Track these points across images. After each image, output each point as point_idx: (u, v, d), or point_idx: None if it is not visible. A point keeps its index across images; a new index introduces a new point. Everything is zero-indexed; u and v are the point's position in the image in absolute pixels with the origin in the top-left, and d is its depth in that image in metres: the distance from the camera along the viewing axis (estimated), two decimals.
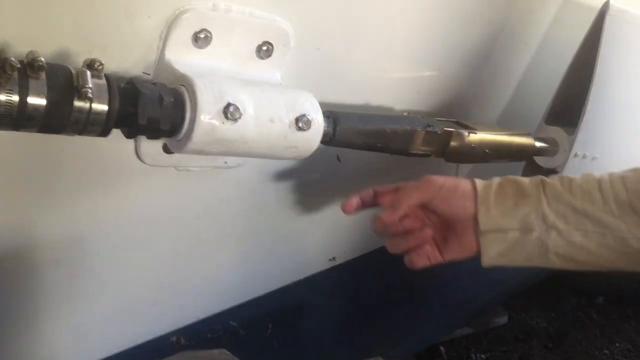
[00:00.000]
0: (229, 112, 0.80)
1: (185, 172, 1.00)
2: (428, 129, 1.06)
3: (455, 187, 0.93)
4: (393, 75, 1.19)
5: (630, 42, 1.28)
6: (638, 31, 1.28)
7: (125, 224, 1.01)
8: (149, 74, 0.87)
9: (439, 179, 0.95)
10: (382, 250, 1.47)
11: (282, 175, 1.15)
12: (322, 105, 0.96)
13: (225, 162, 1.03)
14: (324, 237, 1.34)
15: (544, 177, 0.91)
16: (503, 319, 3.32)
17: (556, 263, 0.86)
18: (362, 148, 1.01)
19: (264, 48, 0.95)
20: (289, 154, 0.90)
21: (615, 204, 0.84)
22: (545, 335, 3.27)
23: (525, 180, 0.91)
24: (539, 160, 1.37)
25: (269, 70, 0.97)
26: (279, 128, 0.86)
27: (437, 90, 1.28)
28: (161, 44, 0.84)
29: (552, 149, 1.32)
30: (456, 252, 0.94)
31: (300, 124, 0.87)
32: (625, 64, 1.29)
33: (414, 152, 1.07)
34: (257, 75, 0.95)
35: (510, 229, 0.85)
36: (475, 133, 1.12)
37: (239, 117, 0.81)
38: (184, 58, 0.86)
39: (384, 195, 1.00)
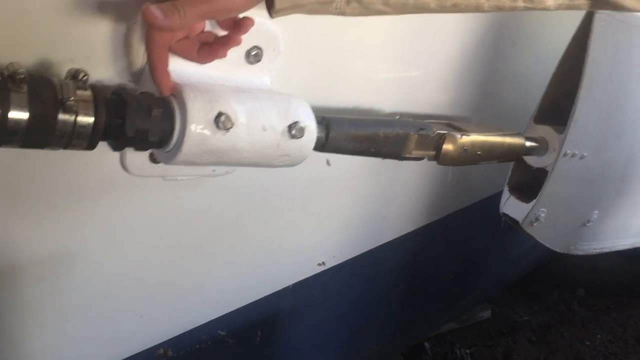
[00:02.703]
0: (220, 121, 0.77)
1: (173, 181, 0.97)
2: (421, 132, 1.04)
3: None
4: (383, 76, 1.17)
5: (619, 40, 1.27)
6: (627, 29, 1.28)
7: (111, 236, 0.97)
8: (136, 83, 0.83)
9: None
10: (370, 253, 1.47)
11: (270, 181, 1.13)
12: (314, 109, 0.94)
13: (214, 170, 1.00)
14: (312, 241, 1.32)
15: None
16: (487, 313, 3.34)
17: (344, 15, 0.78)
18: (354, 153, 0.99)
19: (254, 53, 0.92)
20: (281, 162, 0.88)
21: None
22: (529, 328, 3.30)
23: None
24: (529, 159, 1.36)
25: (259, 75, 0.94)
26: (272, 136, 0.83)
27: (427, 90, 1.26)
28: None
29: (541, 148, 1.32)
30: None
31: (293, 132, 0.85)
32: (614, 63, 1.29)
33: (406, 156, 1.05)
34: (247, 81, 0.93)
35: (309, 4, 0.75)
36: (468, 135, 1.10)
37: (231, 127, 0.78)
38: (171, 65, 0.82)
39: None
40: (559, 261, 3.07)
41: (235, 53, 0.90)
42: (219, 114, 0.77)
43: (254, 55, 0.92)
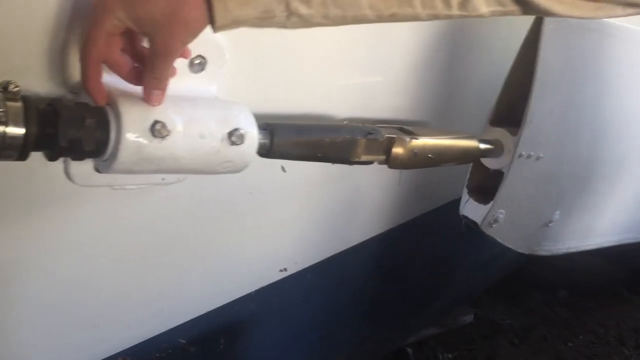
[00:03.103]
0: (156, 129, 0.78)
1: (122, 190, 0.98)
2: (369, 136, 1.06)
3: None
4: (337, 82, 1.19)
5: (570, 41, 1.30)
6: (576, 30, 1.30)
7: (62, 246, 0.98)
8: (76, 94, 0.84)
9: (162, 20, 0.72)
10: (335, 259, 1.47)
11: (224, 188, 1.13)
12: (264, 116, 0.96)
13: (163, 179, 1.01)
14: (272, 248, 1.32)
15: None
16: (469, 317, 3.35)
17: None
18: (301, 159, 1.00)
19: (197, 62, 0.93)
20: (224, 168, 0.89)
21: None
22: (511, 331, 3.31)
23: None
24: (486, 161, 1.38)
25: (204, 83, 0.96)
26: (211, 143, 0.84)
27: (382, 95, 1.28)
28: None
29: (497, 150, 1.33)
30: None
31: (233, 139, 0.86)
32: (565, 64, 1.31)
33: (355, 160, 1.06)
34: (191, 90, 0.94)
35: (249, 19, 0.75)
36: (417, 138, 1.12)
37: (167, 135, 0.79)
38: (112, 75, 0.84)
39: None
40: (539, 263, 3.09)
41: (178, 62, 0.91)
42: (155, 122, 0.78)
43: (197, 65, 0.93)
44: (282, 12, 0.75)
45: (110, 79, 0.82)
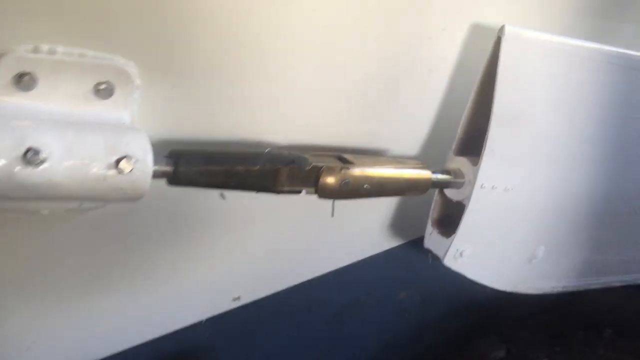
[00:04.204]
0: (29, 156, 0.78)
1: (36, 216, 0.98)
2: (292, 165, 1.02)
3: None
4: (276, 108, 1.15)
5: (528, 66, 1.21)
6: (535, 55, 1.22)
7: None
8: None
9: None
10: (300, 288, 1.43)
11: (158, 215, 1.12)
12: (187, 143, 0.96)
13: (81, 204, 1.01)
14: (221, 276, 1.30)
15: None
16: (501, 353, 3.17)
17: None
18: (214, 187, 0.98)
19: (102, 87, 0.93)
20: (117, 195, 0.88)
21: None
22: None
23: None
24: (448, 192, 1.31)
25: (113, 110, 0.95)
26: (96, 171, 0.84)
27: (331, 121, 1.23)
28: None
29: (457, 181, 1.26)
30: None
31: (121, 166, 0.85)
32: (524, 90, 1.22)
33: (280, 189, 1.03)
34: (99, 116, 0.94)
35: None
36: (349, 168, 1.07)
37: (43, 162, 0.79)
38: (5, 101, 0.85)
39: None
40: (583, 298, 2.90)
41: (81, 88, 0.91)
42: (29, 149, 0.78)
43: (103, 90, 0.93)
44: None
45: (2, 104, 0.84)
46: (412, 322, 1.84)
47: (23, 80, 0.86)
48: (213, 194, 1.16)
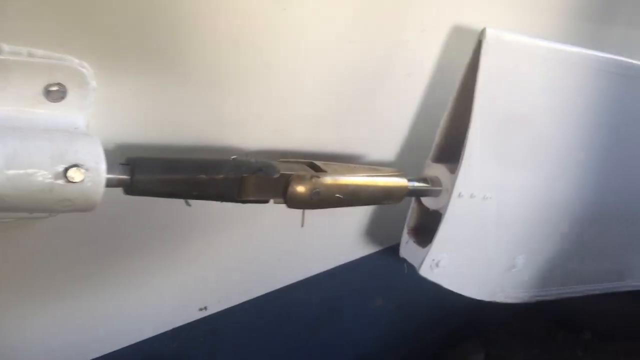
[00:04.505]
0: None
1: None
2: (259, 173, 0.96)
3: None
4: (243, 112, 1.09)
5: (510, 71, 1.16)
6: (518, 59, 1.17)
7: None
8: None
9: None
10: (270, 297, 1.38)
11: (111, 221, 1.06)
12: (148, 149, 0.91)
13: (31, 213, 0.95)
14: (185, 285, 1.24)
15: None
16: (479, 356, 3.15)
17: None
18: (175, 196, 0.93)
19: (54, 89, 0.86)
20: (65, 207, 0.82)
21: None
22: None
23: None
24: (425, 201, 1.26)
25: (66, 113, 0.89)
26: (41, 181, 0.77)
27: (303, 126, 1.18)
28: None
29: (434, 189, 1.21)
30: None
31: (69, 175, 0.78)
32: (506, 95, 1.17)
33: (245, 199, 0.97)
34: (50, 120, 0.87)
35: None
36: (319, 177, 1.01)
37: None
38: None
39: None
40: (564, 301, 2.87)
41: (30, 90, 0.85)
42: None
43: (55, 92, 0.87)
44: None
45: None
46: (389, 330, 1.80)
47: None
48: (177, 200, 1.10)
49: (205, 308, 1.29)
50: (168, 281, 1.20)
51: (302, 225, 1.09)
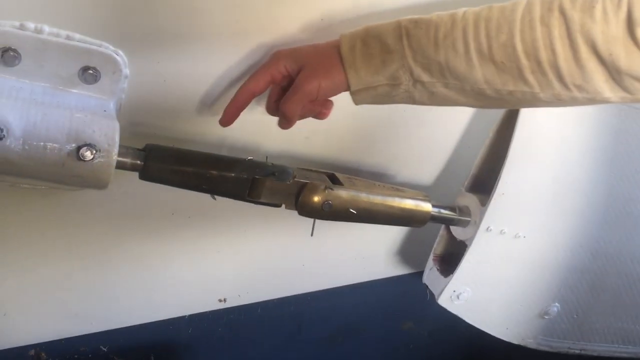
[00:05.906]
0: None
1: (20, 188, 0.99)
2: (272, 177, 0.98)
3: (327, 71, 0.90)
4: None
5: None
6: None
7: None
8: None
9: (311, 76, 0.90)
10: (291, 301, 1.39)
11: (140, 205, 1.11)
12: (176, 141, 0.94)
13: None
14: (207, 275, 1.28)
15: (407, 25, 0.83)
16: None
17: (421, 104, 0.90)
18: (185, 187, 0.96)
19: (89, 72, 0.92)
20: (77, 182, 0.87)
21: (476, 54, 0.79)
22: None
23: (388, 32, 0.85)
24: (453, 229, 1.22)
25: (99, 95, 0.95)
26: (55, 155, 0.83)
27: (336, 137, 1.18)
28: None
29: (461, 219, 1.17)
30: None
31: (80, 154, 0.84)
32: (542, 139, 1.11)
33: (255, 200, 0.99)
34: (82, 100, 0.93)
35: (380, 85, 0.87)
36: (333, 189, 1.01)
37: (1, 138, 0.80)
38: None
39: (267, 105, 1.02)
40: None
41: (65, 70, 0.91)
42: None
43: (89, 75, 0.92)
44: (407, 79, 0.85)
45: None
46: (417, 355, 1.75)
47: (7, 55, 0.87)
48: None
49: (225, 300, 1.32)
50: (191, 268, 1.24)
51: (312, 235, 1.09)
